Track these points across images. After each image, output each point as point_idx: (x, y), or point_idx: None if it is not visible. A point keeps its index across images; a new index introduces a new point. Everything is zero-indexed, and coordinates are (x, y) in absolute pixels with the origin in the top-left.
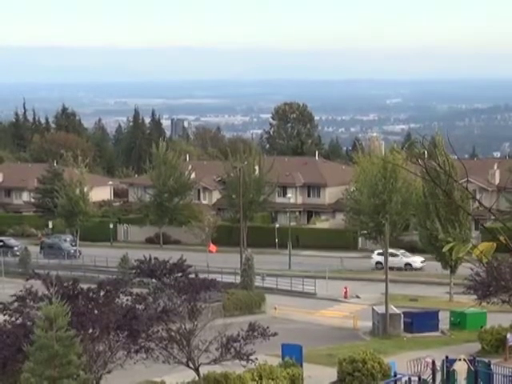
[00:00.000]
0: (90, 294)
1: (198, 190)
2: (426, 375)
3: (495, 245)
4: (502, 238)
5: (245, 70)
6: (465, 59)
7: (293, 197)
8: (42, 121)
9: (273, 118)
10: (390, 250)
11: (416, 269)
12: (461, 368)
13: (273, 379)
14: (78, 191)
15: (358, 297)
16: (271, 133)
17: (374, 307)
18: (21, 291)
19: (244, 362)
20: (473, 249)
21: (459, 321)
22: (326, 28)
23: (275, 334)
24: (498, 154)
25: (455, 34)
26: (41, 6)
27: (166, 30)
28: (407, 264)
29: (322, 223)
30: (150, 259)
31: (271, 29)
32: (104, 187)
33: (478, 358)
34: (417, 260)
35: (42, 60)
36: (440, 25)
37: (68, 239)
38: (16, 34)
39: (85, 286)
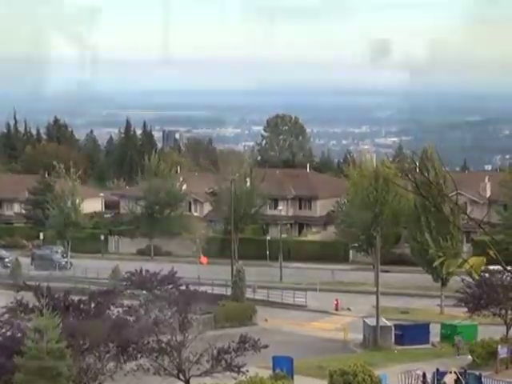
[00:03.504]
0: (81, 306)
1: (189, 202)
2: None
3: (485, 260)
4: (491, 253)
5: (237, 80)
6: (457, 71)
7: (284, 209)
8: (34, 132)
9: (265, 130)
10: None
11: None
12: (451, 381)
13: None
14: (69, 203)
15: (348, 309)
16: (263, 145)
17: (365, 319)
18: (11, 303)
19: (235, 374)
20: (463, 263)
21: (450, 333)
22: (315, 36)
23: (266, 346)
24: (489, 167)
25: (446, 47)
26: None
27: (158, 40)
28: None
29: (313, 235)
30: (141, 271)
31: (262, 39)
32: (95, 199)
33: (468, 371)
34: None
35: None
36: (432, 38)
37: (59, 251)
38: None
39: (76, 298)
